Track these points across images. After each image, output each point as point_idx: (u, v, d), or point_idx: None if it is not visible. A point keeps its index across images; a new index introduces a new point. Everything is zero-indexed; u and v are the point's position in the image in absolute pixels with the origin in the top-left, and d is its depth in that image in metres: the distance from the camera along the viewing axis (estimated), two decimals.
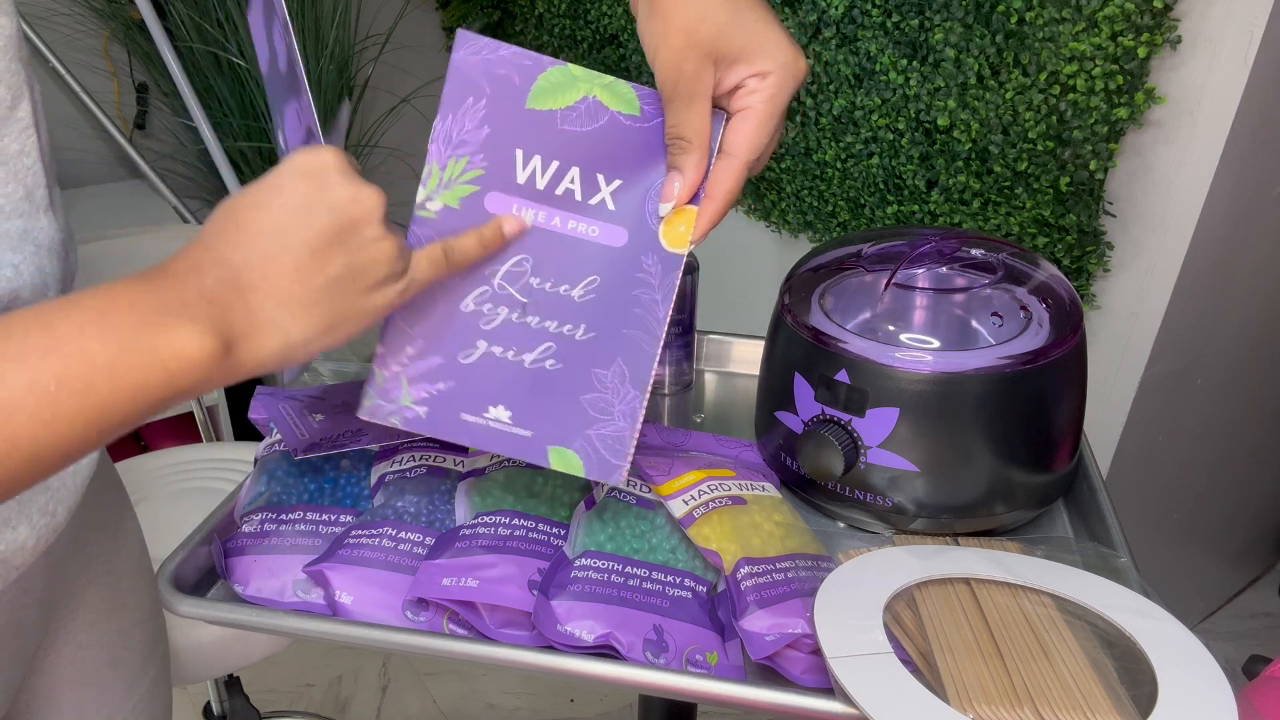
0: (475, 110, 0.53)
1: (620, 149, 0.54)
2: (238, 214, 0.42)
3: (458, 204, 0.54)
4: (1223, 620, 1.67)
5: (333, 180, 0.43)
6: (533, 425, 0.53)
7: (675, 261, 0.54)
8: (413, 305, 0.52)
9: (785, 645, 0.51)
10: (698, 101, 0.49)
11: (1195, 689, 0.46)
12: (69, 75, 1.71)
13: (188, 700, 1.48)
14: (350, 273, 0.43)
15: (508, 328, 0.54)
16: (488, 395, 0.53)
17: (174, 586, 0.56)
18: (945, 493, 0.61)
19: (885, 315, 0.63)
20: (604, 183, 0.54)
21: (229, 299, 0.40)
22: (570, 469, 0.53)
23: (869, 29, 1.22)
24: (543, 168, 0.54)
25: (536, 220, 0.54)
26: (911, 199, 1.26)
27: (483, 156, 0.54)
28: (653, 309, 0.54)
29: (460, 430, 0.53)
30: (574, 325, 0.54)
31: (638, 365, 0.54)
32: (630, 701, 1.54)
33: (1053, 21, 1.01)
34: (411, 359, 0.53)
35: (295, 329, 0.42)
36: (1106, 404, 1.17)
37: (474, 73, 0.53)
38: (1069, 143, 1.04)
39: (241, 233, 0.41)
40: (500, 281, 0.54)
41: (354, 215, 0.43)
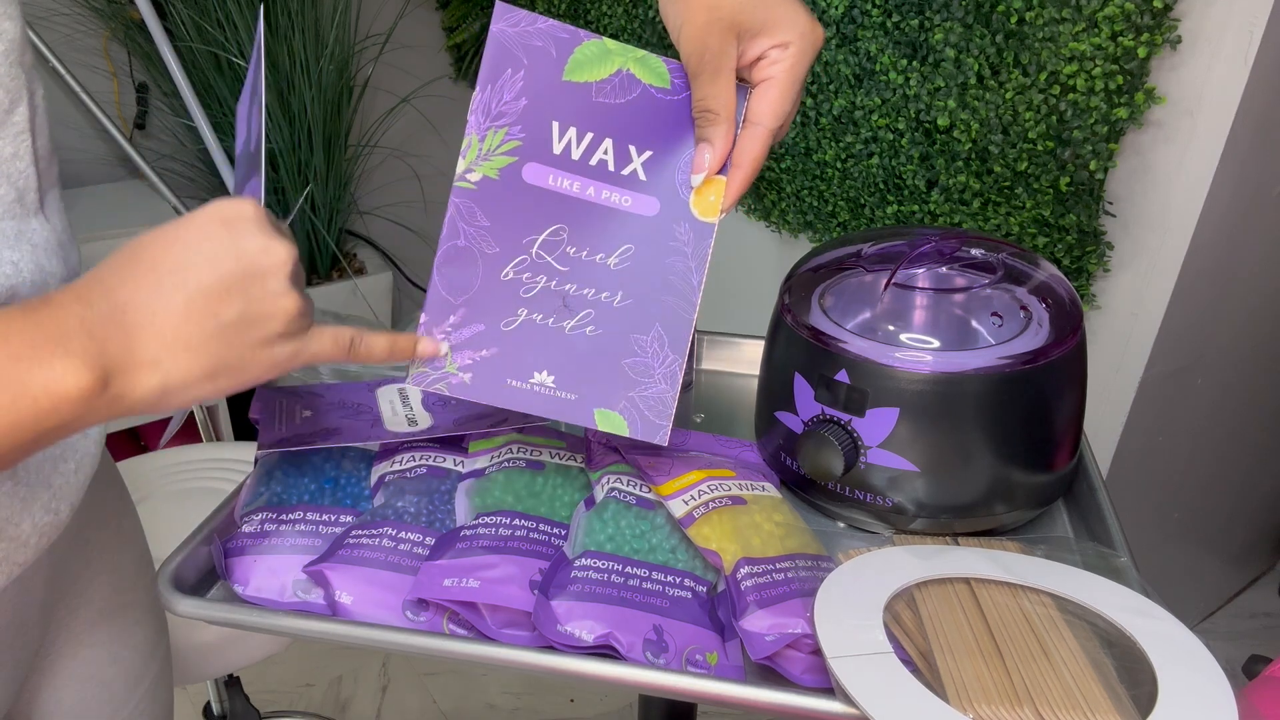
0: (514, 82, 0.55)
1: (652, 121, 0.56)
2: (142, 250, 0.42)
3: (496, 174, 0.56)
4: (1223, 620, 1.67)
5: (248, 229, 0.43)
6: (576, 389, 0.56)
7: (707, 230, 0.56)
8: (453, 274, 0.55)
9: (785, 645, 0.51)
10: (723, 75, 0.51)
11: (1195, 689, 0.46)
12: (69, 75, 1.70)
13: (188, 700, 1.48)
14: (244, 322, 0.42)
15: (546, 295, 0.56)
16: (531, 361, 0.55)
17: (174, 586, 0.56)
18: (945, 493, 0.61)
19: (885, 315, 0.63)
20: (636, 154, 0.56)
21: (110, 333, 0.39)
22: (616, 429, 0.55)
23: (869, 29, 1.22)
24: (578, 139, 0.56)
25: (572, 190, 0.56)
26: (911, 199, 1.26)
27: (520, 128, 0.55)
28: (686, 276, 0.56)
29: (506, 395, 0.55)
30: (611, 293, 0.56)
31: (676, 330, 0.56)
32: (630, 701, 1.54)
33: (1053, 21, 1.01)
34: (455, 327, 0.55)
35: (176, 370, 0.41)
36: (1106, 404, 1.17)
37: (512, 45, 0.55)
38: (1069, 143, 1.04)
39: (139, 267, 0.41)
40: (539, 251, 0.56)
41: (261, 265, 0.43)
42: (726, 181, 0.54)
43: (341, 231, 2.09)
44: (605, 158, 0.56)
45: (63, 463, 0.50)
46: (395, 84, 2.09)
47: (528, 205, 0.56)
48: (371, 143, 2.09)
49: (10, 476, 0.46)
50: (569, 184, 0.56)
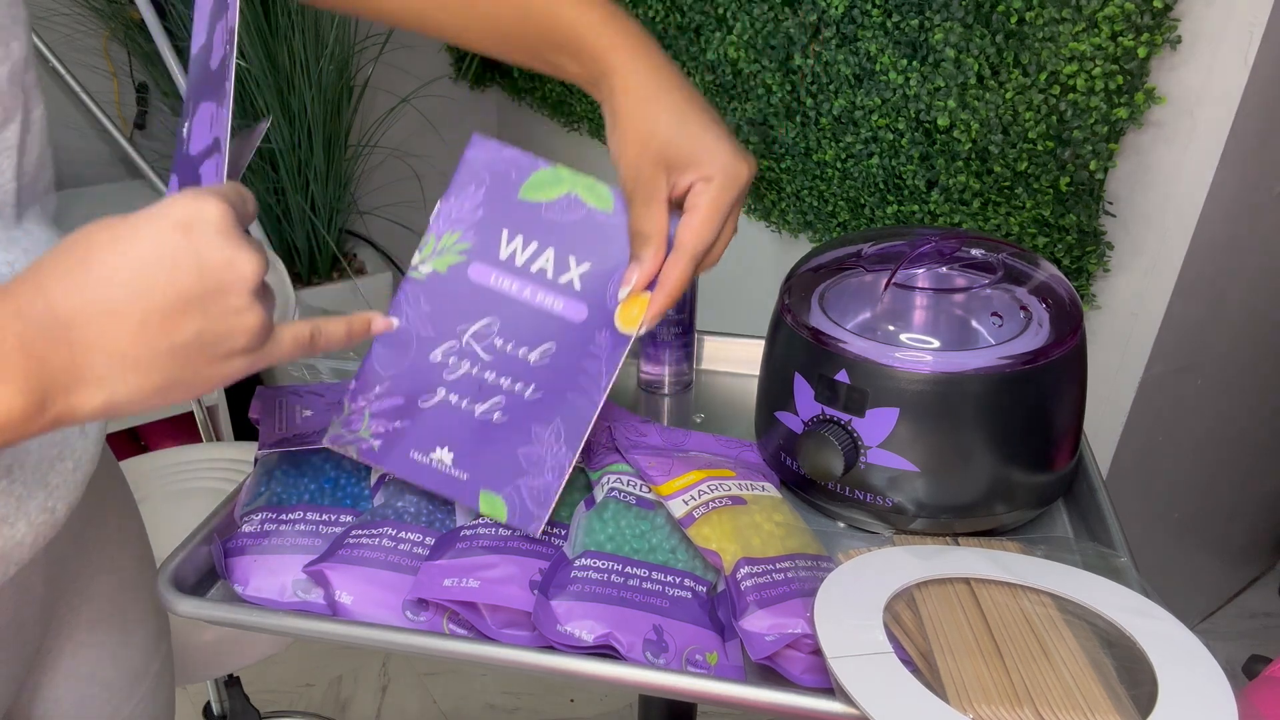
0: (475, 195, 0.62)
1: (592, 238, 0.61)
2: (91, 253, 0.38)
3: (445, 270, 0.61)
4: (1223, 620, 1.67)
5: (211, 238, 0.39)
6: (470, 469, 0.59)
7: (624, 341, 0.60)
8: (388, 352, 0.60)
9: (785, 645, 0.51)
10: (655, 203, 0.54)
11: (1195, 689, 0.46)
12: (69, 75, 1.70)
13: (188, 700, 1.48)
14: (201, 341, 0.39)
15: (467, 380, 0.60)
16: (436, 437, 0.59)
17: (174, 586, 0.56)
18: (945, 493, 0.61)
19: (885, 315, 0.63)
20: (574, 264, 0.61)
21: (51, 351, 0.36)
22: (495, 514, 0.58)
23: (869, 29, 1.22)
24: (523, 246, 0.61)
25: (510, 289, 0.61)
26: (911, 199, 1.26)
27: (474, 233, 0.61)
28: (596, 379, 0.60)
29: (406, 466, 0.59)
30: (525, 384, 0.60)
31: (574, 426, 0.59)
32: (630, 701, 1.54)
33: (1053, 21, 1.01)
34: (378, 397, 0.60)
35: (123, 389, 0.38)
36: (1106, 404, 1.17)
37: (480, 168, 0.62)
38: (1069, 143, 1.04)
39: (88, 276, 0.37)
40: (469, 339, 0.61)
41: (223, 281, 0.39)
42: (650, 299, 0.57)
43: (341, 231, 2.09)
44: (546, 265, 0.61)
45: (60, 462, 0.50)
46: (395, 84, 2.09)
47: (468, 298, 0.61)
48: (371, 143, 2.09)
49: (5, 475, 0.46)
50: (509, 284, 0.61)
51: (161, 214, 0.39)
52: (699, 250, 0.55)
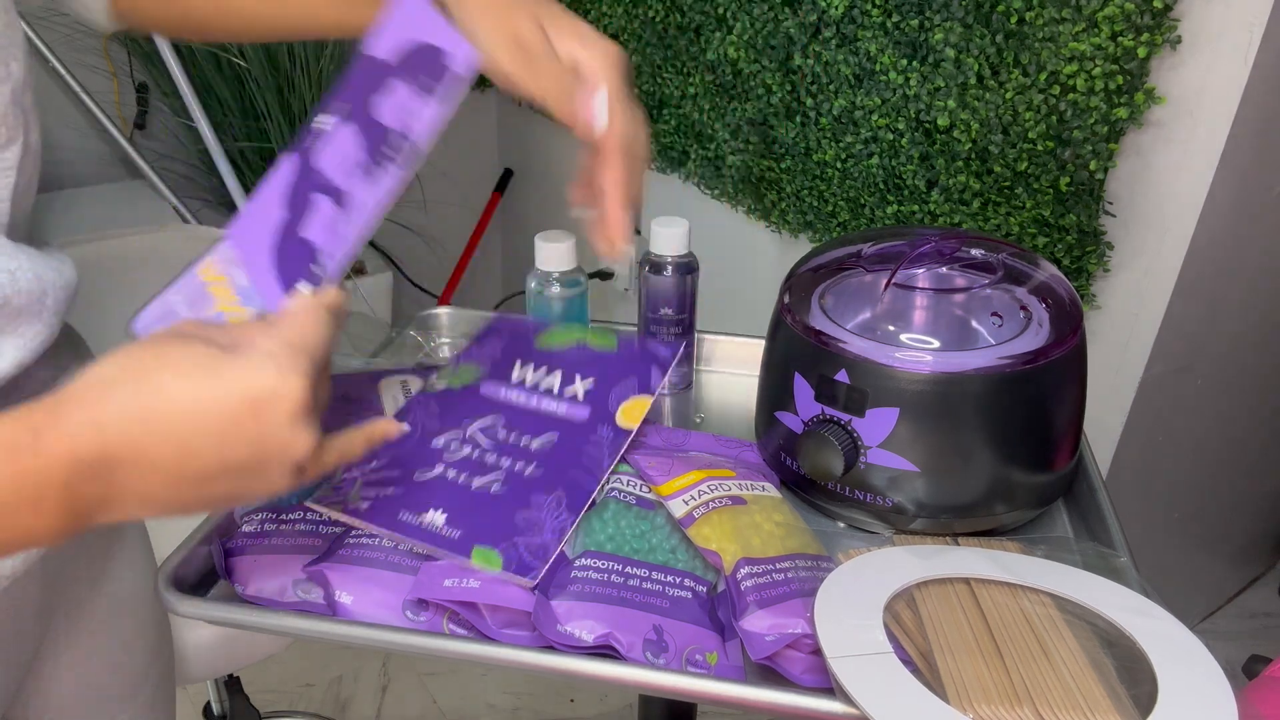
0: (496, 344, 0.70)
1: (597, 366, 0.67)
2: (159, 402, 0.37)
3: (459, 386, 0.68)
4: (1223, 620, 1.67)
5: (278, 423, 0.39)
6: (464, 528, 0.57)
7: (625, 434, 0.64)
8: (390, 443, 0.57)
9: (785, 645, 0.51)
10: (544, 58, 0.50)
11: (1195, 689, 0.46)
12: (69, 75, 1.70)
13: (188, 700, 1.48)
14: (229, 497, 0.40)
15: (467, 461, 0.62)
16: (429, 502, 0.58)
17: (174, 586, 0.56)
18: (945, 493, 0.61)
19: (885, 315, 0.63)
20: (579, 380, 0.66)
21: (93, 488, 0.37)
22: (489, 565, 0.55)
23: (869, 29, 1.22)
24: (533, 371, 0.68)
25: (517, 400, 0.66)
26: (911, 199, 1.26)
27: (491, 365, 0.69)
28: (598, 461, 0.63)
29: (395, 524, 0.58)
30: (525, 463, 0.62)
31: (576, 496, 0.60)
32: (630, 701, 1.54)
33: (1053, 21, 1.01)
34: (373, 470, 0.61)
35: (149, 514, 0.40)
36: (1106, 404, 1.17)
37: (504, 332, 0.71)
38: (1069, 143, 1.04)
39: (147, 427, 0.37)
40: (473, 431, 0.64)
41: (271, 456, 0.39)
42: (611, 220, 0.53)
43: None
44: (552, 383, 0.67)
45: None
46: None
47: (476, 405, 0.66)
48: None
49: None
50: (517, 396, 0.66)
51: (241, 382, 0.38)
52: (626, 139, 0.51)
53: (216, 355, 0.39)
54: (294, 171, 0.51)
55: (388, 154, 0.50)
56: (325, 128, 0.51)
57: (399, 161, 0.50)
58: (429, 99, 0.50)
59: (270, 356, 0.39)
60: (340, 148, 0.50)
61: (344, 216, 0.50)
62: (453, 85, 0.50)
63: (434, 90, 0.50)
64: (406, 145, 0.50)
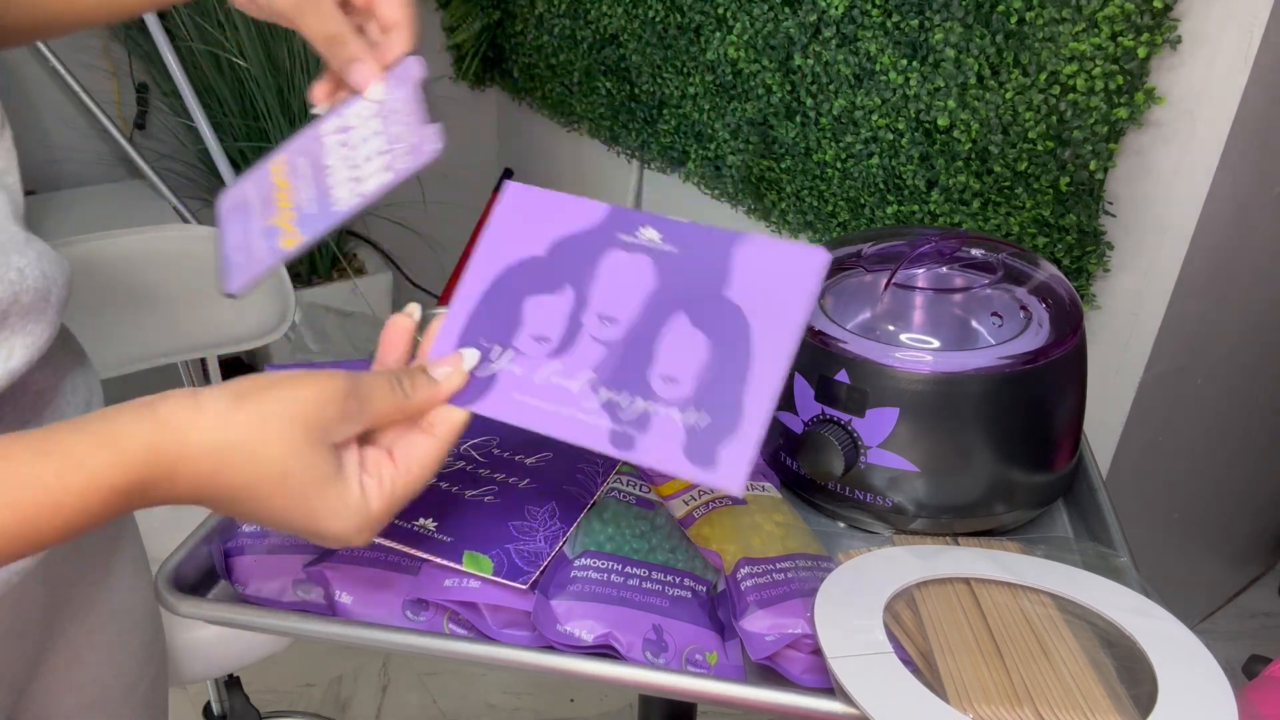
0: None
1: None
2: (244, 504, 0.41)
3: None
4: (1223, 620, 1.67)
5: (344, 540, 0.42)
6: (455, 534, 0.55)
7: (614, 463, 0.63)
8: None
9: (785, 645, 0.51)
10: (323, 4, 0.51)
11: (1195, 689, 0.46)
12: (69, 75, 1.70)
13: (188, 700, 1.48)
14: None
15: (460, 473, 0.60)
16: (421, 510, 0.57)
17: (174, 586, 0.56)
18: (945, 493, 0.61)
19: (885, 315, 0.63)
20: None
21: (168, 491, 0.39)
22: (480, 569, 0.54)
23: (869, 29, 1.22)
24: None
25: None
26: (911, 199, 1.26)
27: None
28: (593, 477, 0.61)
29: (386, 529, 0.57)
30: (519, 478, 0.60)
31: (570, 508, 0.59)
32: (630, 701, 1.54)
33: (1053, 21, 1.01)
34: None
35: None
36: (1106, 404, 1.17)
37: None
38: (1069, 143, 1.04)
39: (227, 506, 0.41)
40: (467, 447, 0.62)
41: (326, 539, 0.43)
42: (392, 50, 0.53)
43: (341, 231, 2.09)
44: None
45: None
46: None
47: (474, 427, 0.57)
48: None
49: None
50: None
51: (326, 525, 0.41)
52: (410, 16, 0.53)
53: (321, 489, 0.41)
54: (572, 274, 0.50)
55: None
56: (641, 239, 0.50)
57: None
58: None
59: (367, 525, 0.43)
60: (622, 277, 0.50)
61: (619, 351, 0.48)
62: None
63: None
64: None
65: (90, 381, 0.60)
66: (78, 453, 0.36)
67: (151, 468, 0.37)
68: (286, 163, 0.55)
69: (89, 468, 0.36)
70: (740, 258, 0.48)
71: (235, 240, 0.55)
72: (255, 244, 0.54)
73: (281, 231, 0.53)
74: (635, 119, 1.76)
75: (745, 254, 0.48)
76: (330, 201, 0.53)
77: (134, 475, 0.37)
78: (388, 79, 0.53)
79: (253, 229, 0.54)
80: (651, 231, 0.50)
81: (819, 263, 0.46)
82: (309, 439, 0.40)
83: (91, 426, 0.37)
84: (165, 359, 1.13)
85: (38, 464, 0.35)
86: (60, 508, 0.36)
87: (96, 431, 0.37)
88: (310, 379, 0.41)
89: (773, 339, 0.46)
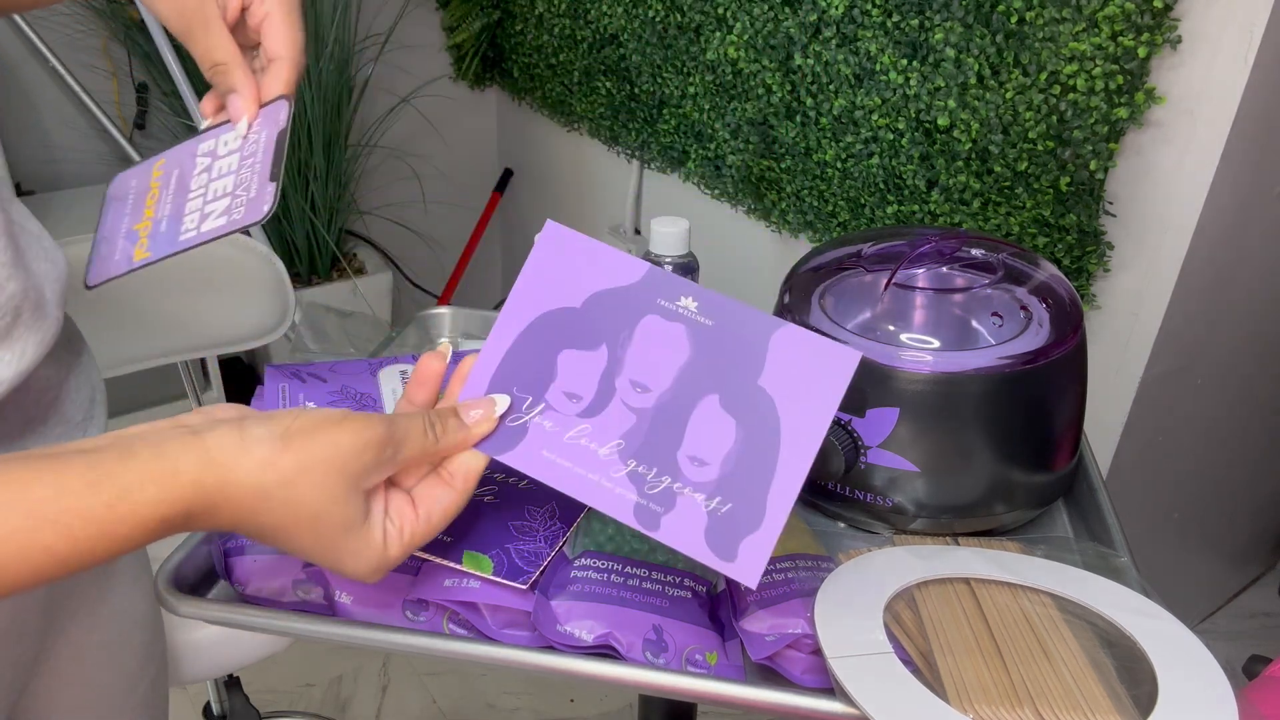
0: None
1: None
2: (275, 537, 0.42)
3: None
4: (1223, 620, 1.67)
5: (363, 572, 0.44)
6: (454, 534, 0.55)
7: None
8: None
9: (785, 645, 0.51)
10: (213, 25, 0.52)
11: (1196, 689, 0.46)
12: (69, 75, 1.70)
13: (188, 700, 1.48)
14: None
15: None
16: None
17: (174, 586, 0.56)
18: (945, 493, 0.61)
19: (885, 315, 0.63)
20: None
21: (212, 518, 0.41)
22: (480, 569, 0.54)
23: (869, 29, 1.22)
24: None
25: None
26: (911, 199, 1.26)
27: None
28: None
29: None
30: (519, 478, 0.59)
31: (570, 508, 0.58)
32: (630, 701, 1.54)
33: (1053, 21, 1.01)
34: None
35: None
36: (1106, 404, 1.17)
37: None
38: (1069, 143, 1.04)
39: (257, 535, 0.43)
40: None
41: (343, 574, 0.45)
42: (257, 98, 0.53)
43: (341, 231, 2.09)
44: None
45: None
46: (395, 84, 2.08)
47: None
48: (371, 143, 2.09)
49: None
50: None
51: (347, 565, 0.44)
52: (297, 53, 0.53)
53: (347, 533, 0.43)
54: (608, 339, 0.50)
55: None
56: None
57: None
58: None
59: (381, 568, 0.45)
60: (658, 344, 0.50)
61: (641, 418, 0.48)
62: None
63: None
64: None
65: (93, 378, 0.60)
66: (128, 485, 0.37)
67: (197, 502, 0.39)
68: (164, 169, 0.55)
69: (137, 500, 0.38)
70: (776, 346, 0.48)
71: (108, 229, 0.55)
72: (120, 242, 0.54)
73: (139, 240, 0.54)
74: (635, 119, 1.76)
75: (781, 343, 0.48)
76: (179, 229, 0.53)
77: (180, 508, 0.39)
78: (260, 116, 0.53)
79: (122, 226, 0.55)
80: (690, 301, 0.50)
81: (851, 363, 0.47)
82: (345, 487, 0.42)
83: (141, 456, 0.38)
84: (165, 359, 1.13)
85: (90, 496, 0.37)
86: (111, 537, 0.37)
87: (146, 463, 0.38)
88: (351, 425, 0.42)
89: (801, 434, 0.46)
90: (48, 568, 0.36)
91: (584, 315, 0.51)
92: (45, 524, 0.36)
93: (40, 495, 0.36)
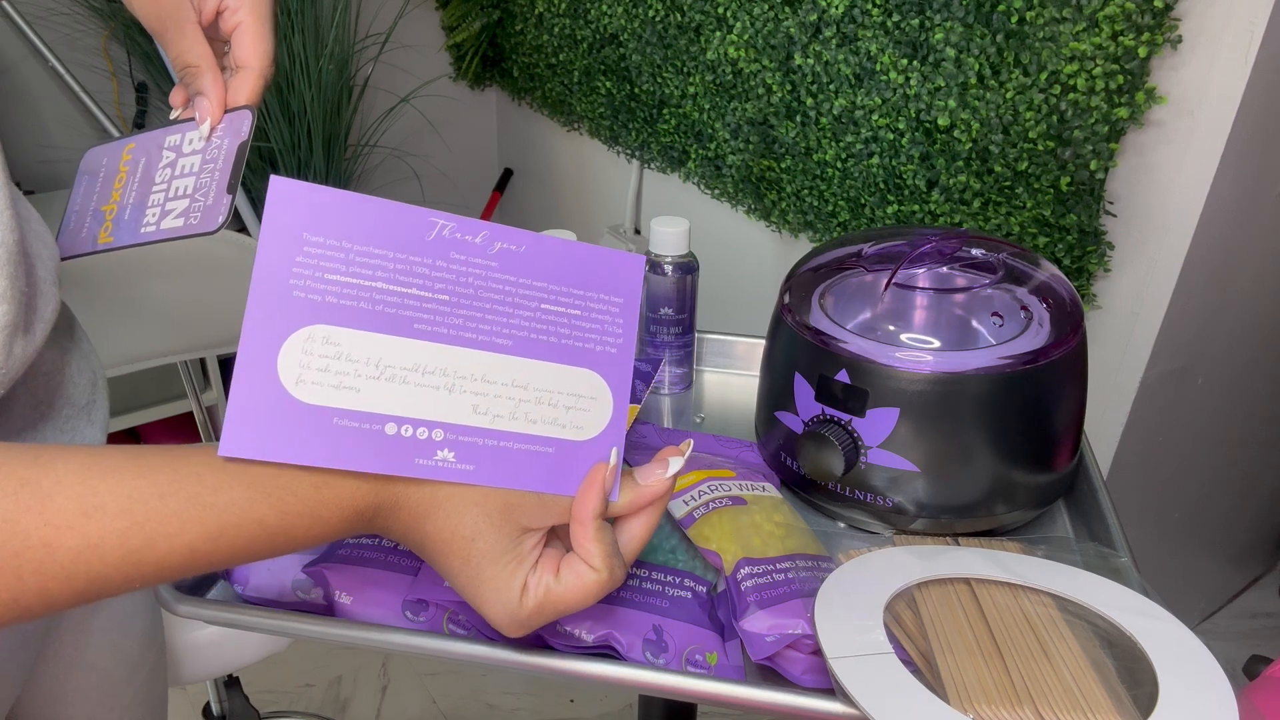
0: None
1: None
2: (424, 540, 0.43)
3: None
4: (1223, 620, 1.67)
5: (498, 618, 0.44)
6: None
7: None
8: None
9: (785, 645, 0.51)
10: (187, 28, 0.52)
11: (1196, 689, 0.46)
12: (69, 75, 1.70)
13: (187, 700, 1.48)
14: None
15: None
16: None
17: (173, 586, 0.56)
18: (945, 493, 0.61)
19: (885, 315, 0.63)
20: None
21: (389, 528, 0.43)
22: None
23: (869, 29, 1.22)
24: None
25: None
26: (912, 199, 1.26)
27: None
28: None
29: None
30: None
31: None
32: (630, 701, 1.54)
33: (1053, 21, 1.01)
34: None
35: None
36: (1106, 404, 1.17)
37: None
38: (1069, 142, 1.04)
39: (426, 549, 0.44)
40: None
41: (480, 611, 0.45)
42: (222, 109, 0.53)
43: None
44: None
45: None
46: (395, 84, 2.09)
47: None
48: (371, 143, 2.09)
49: None
50: None
51: (489, 596, 0.43)
52: (266, 65, 0.53)
53: (493, 565, 0.43)
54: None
55: None
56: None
57: None
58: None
59: (514, 622, 0.44)
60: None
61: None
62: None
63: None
64: None
65: (92, 363, 0.60)
66: (329, 472, 0.40)
67: (383, 497, 0.41)
68: (133, 154, 0.55)
69: (338, 486, 0.40)
70: None
71: (79, 204, 0.56)
72: (88, 220, 0.55)
73: (104, 223, 0.54)
74: (635, 119, 1.76)
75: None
76: (141, 220, 0.53)
77: (371, 500, 0.41)
78: (223, 122, 0.53)
79: (91, 203, 0.55)
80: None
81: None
82: (502, 515, 0.43)
83: None
84: (165, 359, 1.13)
85: (301, 475, 0.39)
86: (314, 518, 0.40)
87: None
88: None
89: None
90: (259, 542, 0.38)
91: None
92: (262, 496, 0.38)
93: (260, 469, 0.38)
